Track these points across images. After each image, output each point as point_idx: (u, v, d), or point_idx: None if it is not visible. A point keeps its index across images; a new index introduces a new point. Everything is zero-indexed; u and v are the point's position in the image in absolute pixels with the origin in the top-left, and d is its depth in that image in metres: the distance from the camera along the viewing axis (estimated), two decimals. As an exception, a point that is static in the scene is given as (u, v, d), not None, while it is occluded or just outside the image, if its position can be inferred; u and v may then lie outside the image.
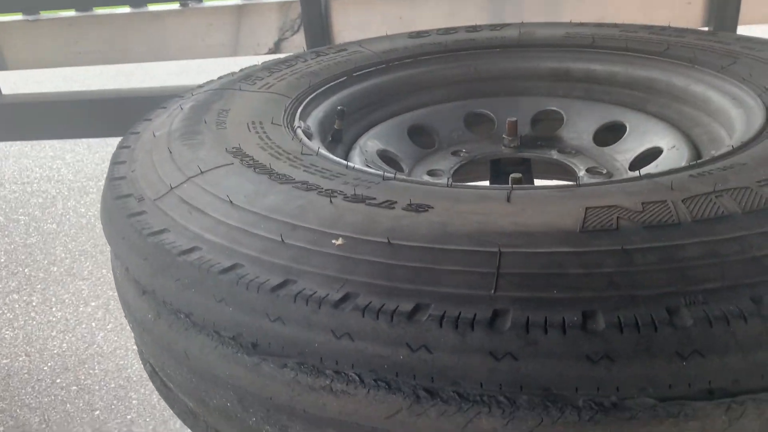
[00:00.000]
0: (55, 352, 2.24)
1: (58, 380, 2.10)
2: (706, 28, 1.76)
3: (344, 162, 0.67)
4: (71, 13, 1.99)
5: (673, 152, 0.81)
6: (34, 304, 2.52)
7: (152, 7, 1.96)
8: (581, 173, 0.88)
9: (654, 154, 0.85)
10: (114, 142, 3.40)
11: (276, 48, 1.95)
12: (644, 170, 0.64)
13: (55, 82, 4.49)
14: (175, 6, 1.95)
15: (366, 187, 0.59)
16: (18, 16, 2.03)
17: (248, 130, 0.75)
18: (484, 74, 1.04)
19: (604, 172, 0.88)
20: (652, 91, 0.93)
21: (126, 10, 1.99)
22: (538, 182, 0.91)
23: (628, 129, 0.92)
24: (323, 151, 0.71)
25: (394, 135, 0.97)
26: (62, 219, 3.20)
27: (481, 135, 1.02)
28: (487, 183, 0.96)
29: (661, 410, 0.43)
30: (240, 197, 0.59)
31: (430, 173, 0.92)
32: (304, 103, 0.87)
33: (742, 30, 1.72)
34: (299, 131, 0.78)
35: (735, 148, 0.64)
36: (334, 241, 0.51)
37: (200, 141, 0.72)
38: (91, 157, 3.94)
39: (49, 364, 2.16)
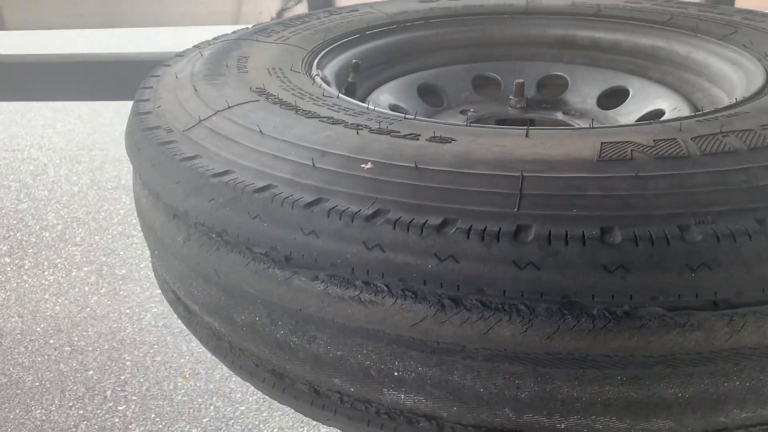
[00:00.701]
0: (48, 314, 2.25)
1: (51, 341, 2.11)
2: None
3: (364, 104, 0.70)
4: (71, -25, 1.99)
5: (675, 113, 0.85)
6: (26, 267, 2.52)
7: (153, -27, 1.96)
8: (585, 132, 0.91)
9: (657, 115, 0.89)
10: (104, 110, 3.40)
11: (278, 17, 1.96)
12: (635, 122, 0.68)
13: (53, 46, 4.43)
14: (177, -28, 1.96)
15: (389, 123, 0.62)
16: (18, -23, 2.03)
17: (269, 74, 0.78)
18: (492, 39, 1.08)
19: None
20: (654, 59, 0.96)
21: (128, -26, 1.99)
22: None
23: (631, 93, 0.96)
24: (343, 96, 0.74)
25: (405, 92, 1.00)
26: (53, 186, 3.19)
27: (488, 96, 1.05)
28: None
29: (669, 320, 0.47)
30: (269, 128, 0.61)
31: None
32: (320, 55, 0.90)
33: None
34: (318, 78, 0.81)
35: (738, 101, 0.68)
36: (363, 165, 0.54)
37: (224, 81, 0.74)
38: (82, 126, 3.92)
39: (41, 325, 2.17)
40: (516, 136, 0.58)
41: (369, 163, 0.55)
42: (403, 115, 0.66)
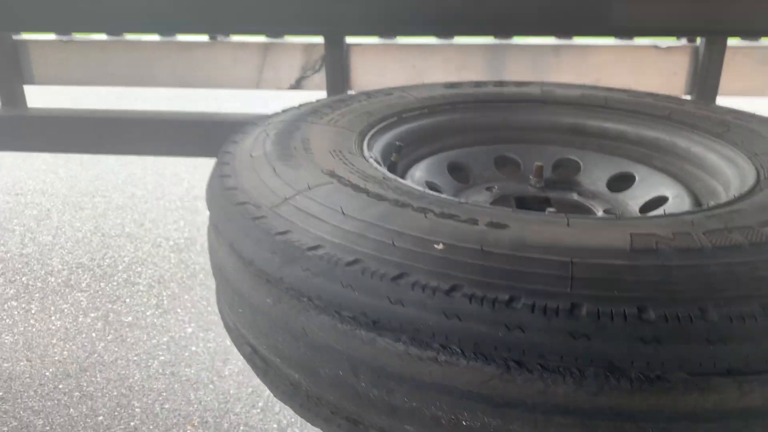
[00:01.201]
0: (56, 358, 2.31)
1: (61, 386, 2.17)
2: (688, 97, 1.99)
3: (421, 189, 0.83)
4: (103, 36, 2.12)
5: (677, 200, 0.99)
6: (33, 312, 2.58)
7: (181, 37, 2.11)
8: (599, 213, 1.05)
9: (661, 200, 1.03)
10: (105, 158, 3.50)
11: (297, 85, 2.11)
12: (653, 214, 0.81)
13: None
14: (204, 38, 2.10)
15: (449, 208, 0.75)
16: (51, 35, 2.16)
17: (333, 157, 0.90)
18: (511, 124, 1.22)
19: (619, 214, 1.05)
20: (657, 149, 1.11)
21: (156, 38, 2.13)
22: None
23: (637, 179, 1.10)
24: (399, 179, 0.86)
25: (437, 170, 1.13)
26: (57, 232, 3.25)
27: (509, 175, 1.19)
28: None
29: (692, 383, 0.58)
30: (349, 209, 0.73)
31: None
32: (367, 137, 1.03)
33: (720, 100, 1.96)
34: (372, 160, 0.93)
35: (736, 198, 0.81)
36: (436, 246, 0.66)
37: (297, 163, 0.86)
38: (84, 173, 4.00)
39: (50, 369, 2.23)
40: (560, 225, 0.70)
41: (441, 244, 0.66)
42: (458, 200, 0.79)
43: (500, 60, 2.04)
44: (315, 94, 2.18)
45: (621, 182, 1.13)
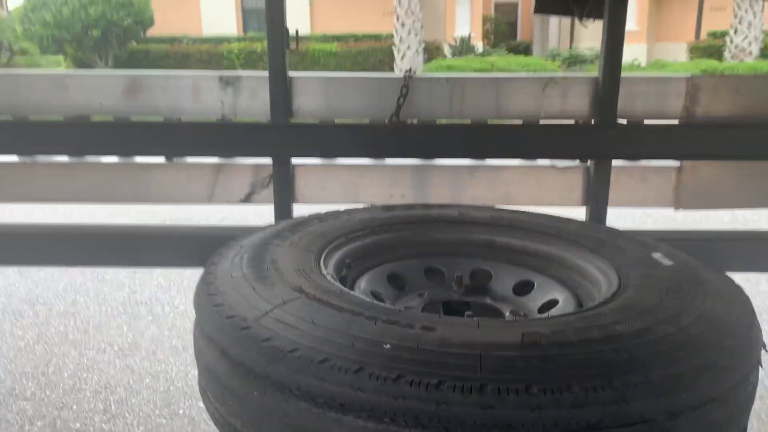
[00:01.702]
0: (7, 470, 2.37)
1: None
2: (584, 209, 2.38)
3: (369, 300, 1.09)
4: (65, 158, 2.34)
5: (565, 303, 1.29)
6: (-23, 423, 2.61)
7: (139, 159, 2.35)
8: (507, 314, 1.33)
9: (553, 303, 1.33)
10: (45, 268, 3.63)
11: (246, 199, 2.38)
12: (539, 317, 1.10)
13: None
14: (161, 160, 2.35)
15: (392, 316, 1.01)
16: (14, 158, 2.35)
17: (298, 275, 1.15)
18: (436, 240, 1.52)
19: (522, 314, 1.34)
20: (551, 261, 1.43)
21: (115, 159, 2.36)
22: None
23: (536, 285, 1.41)
24: (352, 293, 1.12)
25: (378, 280, 1.40)
26: (-1, 341, 3.27)
27: (436, 283, 1.47)
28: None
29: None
30: (317, 319, 0.98)
31: (407, 309, 1.35)
32: (323, 256, 1.29)
33: (611, 211, 2.36)
34: (328, 277, 1.19)
35: (601, 302, 1.12)
36: (384, 346, 0.92)
37: (271, 282, 1.11)
38: (23, 281, 4.06)
39: (5, 484, 2.28)
40: (473, 327, 0.97)
41: (388, 344, 0.92)
42: (399, 309, 1.05)
43: (425, 178, 2.38)
44: (262, 207, 2.45)
45: (524, 287, 1.43)
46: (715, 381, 0.92)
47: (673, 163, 2.39)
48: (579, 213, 2.42)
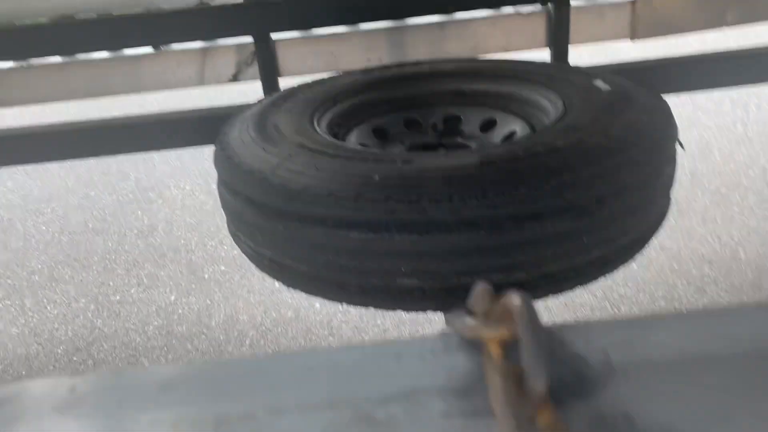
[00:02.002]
0: (63, 339, 2.78)
1: (74, 358, 2.65)
2: (548, 50, 2.58)
3: (359, 147, 1.35)
4: (58, 59, 2.49)
5: (522, 131, 1.56)
6: (27, 306, 3.02)
7: (128, 51, 2.51)
8: (473, 146, 1.60)
9: (513, 134, 1.59)
10: (51, 167, 3.94)
11: (234, 78, 2.57)
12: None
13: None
14: (149, 50, 2.51)
15: (379, 156, 1.27)
16: (10, 63, 2.51)
17: (298, 135, 1.41)
18: (412, 95, 1.76)
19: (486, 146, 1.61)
20: (510, 99, 1.67)
21: (106, 54, 2.53)
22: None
23: (498, 121, 1.66)
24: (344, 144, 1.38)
25: (365, 134, 1.65)
26: (27, 237, 3.61)
27: (415, 130, 1.73)
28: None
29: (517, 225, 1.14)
30: (319, 165, 1.24)
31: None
32: (315, 118, 1.54)
33: (572, 49, 2.56)
34: (323, 134, 1.45)
35: (545, 127, 1.38)
36: (374, 177, 1.19)
37: (276, 141, 1.36)
38: (32, 182, 4.31)
39: (60, 348, 2.70)
40: (441, 157, 1.24)
41: (377, 176, 1.19)
42: (384, 151, 1.32)
43: (398, 39, 2.56)
44: (252, 84, 2.65)
45: (489, 125, 1.68)
46: (632, 173, 1.20)
47: (627, -3, 2.56)
48: (545, 54, 2.63)
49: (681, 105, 4.22)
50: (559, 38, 2.52)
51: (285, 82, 2.30)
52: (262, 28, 2.43)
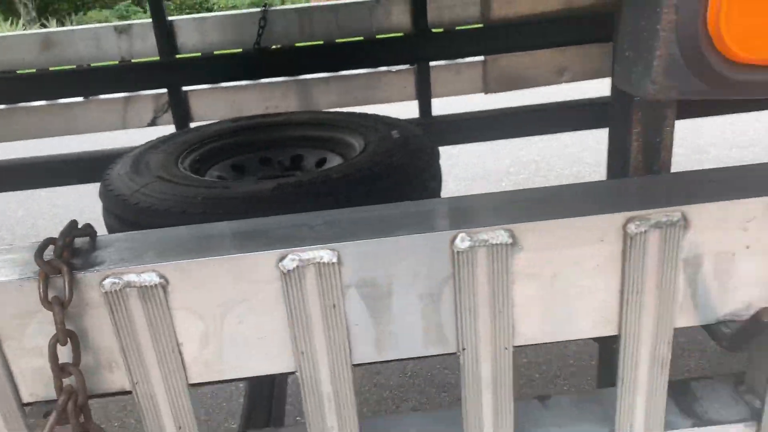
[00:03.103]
0: None
1: None
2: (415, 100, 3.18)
3: (201, 178, 1.91)
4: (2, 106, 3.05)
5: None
6: None
7: (63, 101, 3.07)
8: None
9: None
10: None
11: (152, 122, 3.14)
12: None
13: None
14: (80, 99, 3.08)
15: (208, 183, 1.82)
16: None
17: (160, 169, 1.96)
18: (269, 138, 2.32)
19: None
20: (336, 143, 2.24)
21: (43, 103, 3.09)
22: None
23: (327, 159, 2.23)
24: (193, 175, 1.94)
25: (225, 169, 2.21)
26: None
27: (269, 167, 2.29)
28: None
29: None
30: (166, 190, 1.79)
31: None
32: (181, 157, 2.10)
33: (436, 101, 3.16)
34: (182, 169, 2.00)
35: (345, 161, 1.95)
36: (198, 198, 1.74)
37: (142, 174, 1.92)
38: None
39: None
40: (252, 183, 1.80)
41: (201, 198, 1.74)
42: (214, 179, 1.87)
43: (291, 90, 3.16)
44: (167, 127, 3.20)
45: (322, 162, 2.25)
46: (398, 189, 1.77)
47: (479, 57, 3.18)
48: (414, 105, 3.23)
49: (570, 145, 4.85)
50: (422, 92, 3.13)
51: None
52: (174, 81, 3.01)
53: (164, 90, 3.05)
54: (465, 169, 4.75)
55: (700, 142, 4.75)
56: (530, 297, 0.86)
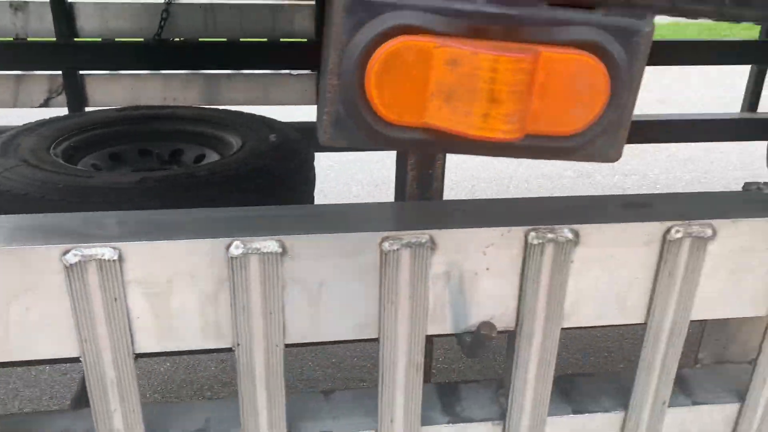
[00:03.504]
0: None
1: None
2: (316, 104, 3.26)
3: (68, 165, 1.94)
4: None
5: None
6: None
7: (-49, 73, 3.00)
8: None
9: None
10: None
11: (45, 103, 3.11)
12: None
13: None
14: (-30, 73, 3.02)
15: (72, 170, 1.86)
16: None
17: (29, 153, 1.97)
18: (151, 131, 2.36)
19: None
20: (216, 140, 2.31)
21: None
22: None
23: (205, 155, 2.30)
24: (61, 162, 1.96)
25: (101, 158, 2.24)
26: None
27: (148, 158, 2.33)
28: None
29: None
30: (28, 174, 1.82)
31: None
32: (55, 143, 2.11)
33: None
34: (52, 155, 2.02)
35: (225, 156, 2.02)
36: (59, 186, 1.78)
37: (9, 156, 1.93)
38: None
39: None
40: (119, 175, 1.84)
41: (62, 184, 1.78)
42: (80, 167, 1.91)
43: (192, 84, 3.19)
44: (62, 109, 3.17)
45: (200, 158, 2.31)
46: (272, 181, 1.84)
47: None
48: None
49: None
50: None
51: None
52: (71, 64, 3.00)
53: (59, 72, 3.03)
54: (369, 174, 4.88)
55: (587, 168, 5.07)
56: (298, 301, 0.96)
